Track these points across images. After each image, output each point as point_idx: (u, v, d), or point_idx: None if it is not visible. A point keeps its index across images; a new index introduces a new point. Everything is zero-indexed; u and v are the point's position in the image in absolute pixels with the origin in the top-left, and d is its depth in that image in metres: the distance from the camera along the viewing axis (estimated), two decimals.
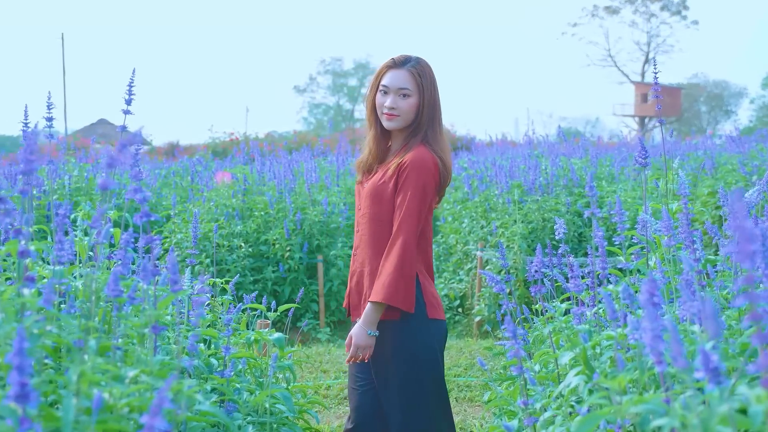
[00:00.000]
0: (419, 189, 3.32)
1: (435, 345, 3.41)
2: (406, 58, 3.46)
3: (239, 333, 3.72)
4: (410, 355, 3.37)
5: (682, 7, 60.17)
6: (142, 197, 2.30)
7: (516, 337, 2.26)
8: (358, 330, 3.31)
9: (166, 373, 2.18)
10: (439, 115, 3.49)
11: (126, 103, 3.06)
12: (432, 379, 3.41)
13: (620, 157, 10.66)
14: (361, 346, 3.30)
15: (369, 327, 3.29)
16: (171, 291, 1.98)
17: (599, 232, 2.83)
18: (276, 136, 28.27)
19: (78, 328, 2.24)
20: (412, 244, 3.30)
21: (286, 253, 8.97)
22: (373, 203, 3.44)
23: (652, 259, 3.47)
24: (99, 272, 2.87)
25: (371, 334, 3.29)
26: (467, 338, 8.26)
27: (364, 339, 3.29)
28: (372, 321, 3.29)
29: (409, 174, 3.34)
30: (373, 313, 3.28)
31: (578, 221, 8.77)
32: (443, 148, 3.46)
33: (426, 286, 3.43)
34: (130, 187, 2.31)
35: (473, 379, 6.55)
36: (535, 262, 2.97)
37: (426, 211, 3.38)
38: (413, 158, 3.36)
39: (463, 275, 9.49)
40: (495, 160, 11.55)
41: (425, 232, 3.45)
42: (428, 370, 3.40)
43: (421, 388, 3.38)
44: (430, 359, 3.39)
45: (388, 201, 3.39)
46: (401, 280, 3.25)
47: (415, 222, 3.31)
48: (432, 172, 3.37)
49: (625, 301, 2.55)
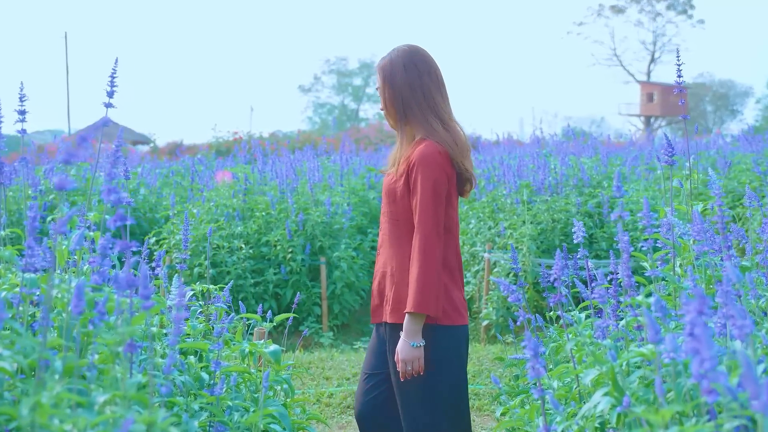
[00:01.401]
0: (429, 187, 3.19)
1: (448, 352, 3.26)
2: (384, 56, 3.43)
3: (233, 344, 3.47)
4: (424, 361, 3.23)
5: (688, 6, 59.90)
6: (116, 199, 2.05)
7: (537, 356, 2.00)
8: (402, 345, 3.18)
9: (144, 397, 1.93)
10: (425, 99, 3.34)
11: (108, 95, 2.82)
12: (449, 386, 3.27)
13: (631, 156, 10.39)
14: (408, 360, 3.17)
15: (411, 339, 3.16)
16: (142, 308, 1.73)
17: (625, 236, 2.57)
18: (280, 136, 28.06)
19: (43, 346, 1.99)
20: (433, 246, 3.17)
21: (288, 255, 8.70)
22: (389, 202, 3.36)
23: (677, 265, 3.22)
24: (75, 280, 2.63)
25: (415, 346, 3.16)
26: (475, 343, 7.99)
27: (409, 352, 3.16)
28: (412, 332, 3.16)
29: (417, 173, 3.22)
30: (411, 325, 3.16)
31: (589, 222, 8.51)
32: (448, 134, 3.30)
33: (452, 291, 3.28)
34: (104, 188, 2.06)
35: (481, 387, 6.28)
36: (554, 269, 2.70)
37: (442, 205, 3.22)
38: (418, 156, 3.23)
39: (470, 277, 9.22)
40: (503, 159, 11.28)
41: (447, 228, 3.30)
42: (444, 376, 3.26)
43: (433, 393, 3.25)
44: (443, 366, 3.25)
45: (401, 199, 3.28)
46: (427, 286, 3.12)
47: (431, 222, 3.17)
48: (440, 164, 3.22)
49: (657, 314, 2.29)
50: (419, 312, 3.12)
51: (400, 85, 3.33)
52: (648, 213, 2.66)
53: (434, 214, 3.18)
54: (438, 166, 3.21)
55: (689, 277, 2.73)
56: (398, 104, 3.33)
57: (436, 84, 3.38)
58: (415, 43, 3.45)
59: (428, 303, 3.12)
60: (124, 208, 2.10)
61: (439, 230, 3.20)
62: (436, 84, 3.38)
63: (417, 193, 3.20)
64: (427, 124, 3.30)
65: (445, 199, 3.24)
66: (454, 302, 3.27)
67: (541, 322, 3.83)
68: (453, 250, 3.33)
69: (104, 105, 2.80)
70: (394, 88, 3.34)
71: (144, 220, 10.85)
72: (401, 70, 3.34)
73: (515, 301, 2.66)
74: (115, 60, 2.83)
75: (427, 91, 3.34)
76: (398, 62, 3.36)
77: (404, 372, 3.19)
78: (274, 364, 3.05)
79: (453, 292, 3.29)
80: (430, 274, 3.13)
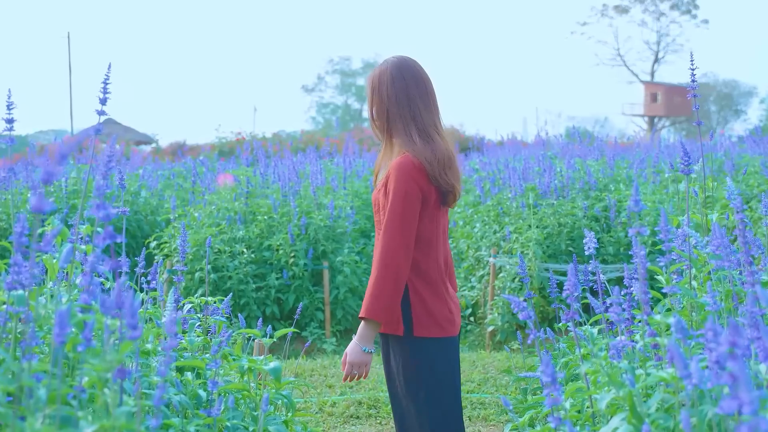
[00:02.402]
0: (399, 198, 3.18)
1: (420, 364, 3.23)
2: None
3: (232, 357, 3.35)
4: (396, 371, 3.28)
5: (692, 6, 59.75)
6: (105, 215, 1.93)
7: (555, 382, 1.87)
8: (353, 348, 3.19)
9: (132, 426, 1.81)
10: (410, 111, 3.30)
11: (100, 102, 2.69)
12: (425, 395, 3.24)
13: (638, 159, 10.24)
14: (356, 363, 3.18)
15: (363, 343, 3.17)
16: (129, 338, 1.60)
17: (641, 251, 2.44)
18: (284, 136, 27.97)
19: (27, 372, 1.88)
20: (395, 256, 3.15)
21: (291, 260, 8.57)
22: (375, 212, 3.37)
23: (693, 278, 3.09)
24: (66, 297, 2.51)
25: (366, 351, 3.17)
26: (480, 350, 7.87)
27: (358, 356, 3.18)
28: (364, 336, 3.17)
29: (390, 182, 3.22)
30: (364, 330, 3.17)
31: (596, 226, 8.37)
32: (420, 144, 3.26)
33: (418, 301, 3.24)
34: (92, 203, 1.94)
35: (487, 396, 6.15)
36: (567, 285, 2.57)
37: (413, 218, 3.20)
38: (393, 166, 3.24)
39: (474, 282, 9.09)
40: (508, 162, 11.14)
41: (426, 240, 3.27)
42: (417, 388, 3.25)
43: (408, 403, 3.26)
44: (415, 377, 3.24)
45: (383, 209, 3.28)
46: (381, 294, 3.13)
47: (396, 233, 3.16)
48: (412, 177, 3.20)
49: (678, 336, 2.17)
50: (369, 318, 3.13)
51: (386, 97, 3.32)
52: (666, 226, 2.53)
53: (400, 226, 3.17)
54: (410, 179, 3.19)
55: (708, 294, 2.59)
56: (383, 116, 3.34)
57: (424, 95, 3.36)
58: (408, 55, 3.41)
59: (377, 310, 3.12)
60: (114, 224, 1.97)
61: (406, 242, 3.18)
62: (423, 95, 3.35)
63: (387, 203, 3.21)
64: (407, 137, 3.28)
65: (416, 211, 3.20)
66: (434, 315, 3.24)
67: (551, 335, 3.71)
68: (434, 263, 3.30)
69: (97, 112, 2.67)
70: (381, 99, 3.33)
71: (145, 222, 10.74)
72: (389, 81, 3.33)
73: (526, 318, 2.53)
74: (108, 65, 2.70)
75: (412, 102, 3.32)
76: (386, 74, 3.34)
77: (348, 374, 3.20)
78: (275, 382, 2.93)
79: (434, 304, 3.26)
80: (386, 283, 3.12)
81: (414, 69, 3.37)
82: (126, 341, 1.63)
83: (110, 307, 1.78)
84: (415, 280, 3.24)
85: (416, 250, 3.24)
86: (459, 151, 18.46)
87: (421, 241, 3.25)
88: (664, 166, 10.07)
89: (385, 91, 3.32)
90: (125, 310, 1.65)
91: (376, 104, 3.36)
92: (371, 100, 3.39)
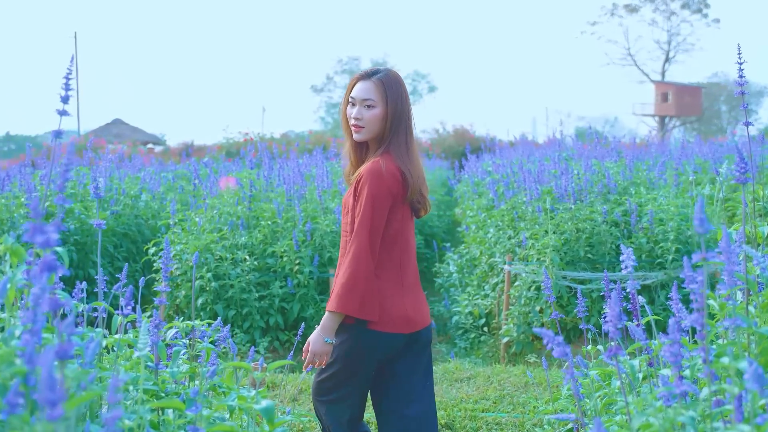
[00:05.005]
0: (370, 200, 3.33)
1: (361, 351, 3.43)
2: (374, 70, 3.51)
3: (221, 390, 2.96)
4: (338, 354, 3.43)
5: (703, 5, 59.25)
6: (44, 241, 1.53)
7: None
8: (315, 336, 3.37)
9: None
10: (407, 126, 3.48)
11: (62, 100, 2.29)
12: (345, 376, 3.47)
13: (660, 162, 9.80)
14: (317, 353, 3.37)
15: (326, 334, 3.34)
16: (47, 419, 1.20)
17: (699, 276, 2.03)
18: (292, 136, 27.66)
19: None
20: (366, 255, 3.32)
21: (295, 267, 8.16)
22: (343, 214, 3.52)
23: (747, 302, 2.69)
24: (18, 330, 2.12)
25: (328, 342, 3.35)
26: (495, 364, 7.43)
27: (320, 346, 3.36)
28: (328, 328, 3.35)
29: (362, 185, 3.36)
30: (328, 321, 3.34)
31: (615, 232, 7.94)
32: (410, 159, 3.44)
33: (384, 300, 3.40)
34: (27, 226, 1.55)
35: (503, 415, 5.73)
36: (609, 315, 2.16)
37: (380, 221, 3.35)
38: (366, 169, 3.37)
39: (488, 290, 8.67)
40: (522, 164, 10.72)
41: (394, 242, 3.44)
42: (348, 372, 3.46)
43: (335, 383, 3.48)
44: (354, 363, 3.44)
45: (351, 211, 3.43)
46: (353, 290, 3.29)
47: (366, 234, 3.32)
48: (385, 181, 3.35)
49: (753, 387, 1.77)
50: (340, 312, 3.30)
51: (395, 108, 3.44)
52: (728, 247, 2.11)
53: (370, 228, 3.31)
54: (383, 182, 3.33)
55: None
56: (388, 125, 3.44)
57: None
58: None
59: (350, 305, 3.29)
60: (57, 254, 1.59)
61: (374, 242, 3.33)
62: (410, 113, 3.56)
63: (359, 205, 3.34)
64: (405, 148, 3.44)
65: (385, 214, 3.35)
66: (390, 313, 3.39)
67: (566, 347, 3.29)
68: (396, 262, 3.45)
69: (58, 113, 2.28)
70: (391, 108, 3.43)
71: (146, 227, 10.37)
72: (402, 94, 3.48)
73: (562, 356, 2.13)
74: (70, 58, 2.31)
75: (408, 118, 3.50)
76: (399, 86, 3.48)
77: (310, 362, 3.38)
78: (269, 425, 2.53)
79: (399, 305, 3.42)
80: (357, 279, 3.29)
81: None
82: (79, 397, 1.23)
83: (45, 360, 1.38)
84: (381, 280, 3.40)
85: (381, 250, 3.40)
86: (471, 152, 18.03)
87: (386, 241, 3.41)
88: (687, 168, 9.64)
89: (399, 104, 3.44)
90: (69, 348, 1.25)
91: (389, 111, 3.43)
92: (383, 105, 3.44)
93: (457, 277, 9.73)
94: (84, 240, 8.75)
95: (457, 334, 8.61)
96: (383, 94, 3.43)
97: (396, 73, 3.52)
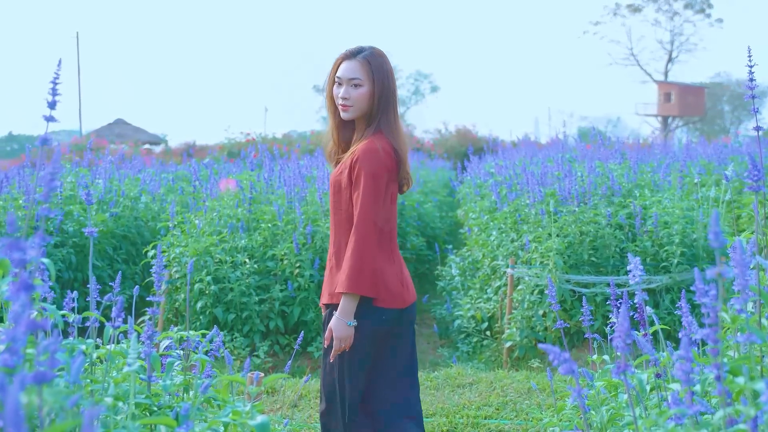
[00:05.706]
0: (370, 179, 3.36)
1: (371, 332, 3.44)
2: (359, 49, 3.53)
3: (216, 403, 2.87)
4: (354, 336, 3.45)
5: (706, 5, 59.16)
6: (19, 260, 1.45)
7: None
8: (337, 323, 3.37)
9: None
10: (394, 103, 3.53)
11: (49, 106, 2.20)
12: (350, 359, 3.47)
13: (665, 163, 9.70)
14: (342, 338, 3.37)
15: (346, 317, 3.36)
16: None
17: (713, 290, 1.94)
18: (294, 136, 27.58)
19: None
20: (371, 236, 3.35)
21: (296, 270, 8.06)
22: (333, 192, 3.54)
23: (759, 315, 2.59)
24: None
25: (350, 325, 3.37)
26: (497, 369, 7.34)
27: (344, 330, 3.37)
28: (347, 311, 3.36)
29: (360, 165, 3.38)
30: (346, 304, 3.36)
31: (620, 234, 7.84)
32: (399, 135, 3.50)
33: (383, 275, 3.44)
34: (4, 241, 1.46)
35: (506, 422, 5.64)
36: (617, 330, 2.07)
37: (383, 199, 3.41)
38: (363, 149, 3.41)
39: (491, 293, 8.57)
40: (525, 166, 10.62)
41: (386, 218, 3.46)
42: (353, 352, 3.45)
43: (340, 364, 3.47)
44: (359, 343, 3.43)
45: (345, 190, 3.45)
46: (363, 270, 3.32)
47: (370, 214, 3.35)
48: (382, 159, 3.40)
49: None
50: (353, 292, 3.32)
51: (382, 86, 3.47)
52: (743, 260, 2.02)
53: (373, 206, 3.35)
54: (380, 160, 3.38)
55: None
56: (376, 103, 3.48)
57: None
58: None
59: (362, 285, 3.32)
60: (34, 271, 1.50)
61: (378, 221, 3.37)
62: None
63: (359, 186, 3.37)
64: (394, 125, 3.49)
65: (384, 191, 3.41)
66: (389, 288, 3.44)
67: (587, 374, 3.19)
68: (387, 237, 3.47)
69: (44, 118, 2.19)
70: (378, 86, 3.46)
71: (146, 229, 10.28)
72: (388, 73, 3.52)
73: (568, 374, 2.04)
74: (58, 62, 2.22)
75: (394, 95, 3.54)
76: (385, 64, 3.52)
77: (338, 348, 3.39)
78: None
79: (395, 276, 3.48)
80: (366, 259, 3.33)
81: None
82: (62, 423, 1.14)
83: (11, 391, 1.29)
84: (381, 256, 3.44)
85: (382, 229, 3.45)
86: (473, 152, 17.94)
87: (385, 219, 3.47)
88: (692, 170, 9.54)
89: (385, 82, 3.48)
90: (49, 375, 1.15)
91: (375, 88, 3.46)
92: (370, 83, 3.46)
93: (459, 280, 9.63)
94: (83, 242, 8.68)
95: (460, 338, 8.52)
96: (369, 73, 3.48)
97: (381, 51, 3.55)
